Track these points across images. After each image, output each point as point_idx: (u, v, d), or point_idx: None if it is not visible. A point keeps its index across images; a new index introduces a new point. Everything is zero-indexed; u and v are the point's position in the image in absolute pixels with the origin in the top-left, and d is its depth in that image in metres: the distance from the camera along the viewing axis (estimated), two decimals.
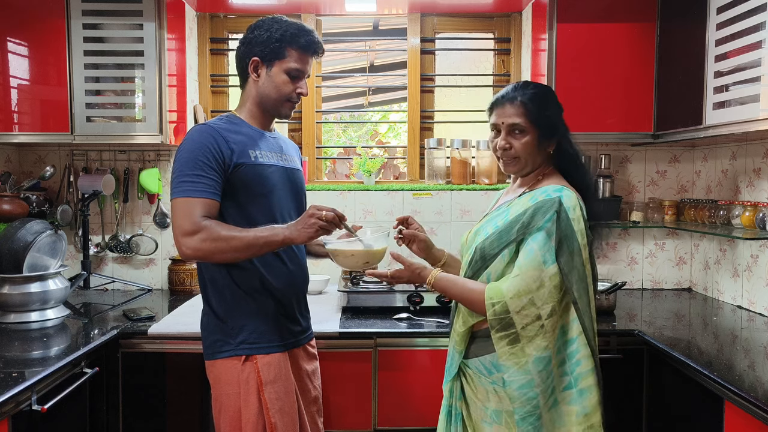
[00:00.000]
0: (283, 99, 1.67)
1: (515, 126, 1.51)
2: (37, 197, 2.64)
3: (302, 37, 1.63)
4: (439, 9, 2.91)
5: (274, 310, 1.66)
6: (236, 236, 1.49)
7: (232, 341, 1.62)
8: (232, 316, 1.62)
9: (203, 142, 1.55)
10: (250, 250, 1.50)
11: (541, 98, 1.52)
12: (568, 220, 1.42)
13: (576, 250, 1.42)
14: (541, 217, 1.43)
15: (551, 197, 1.45)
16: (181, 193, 1.51)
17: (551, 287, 1.40)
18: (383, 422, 2.10)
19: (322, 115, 3.16)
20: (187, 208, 1.49)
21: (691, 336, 2.07)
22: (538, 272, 1.40)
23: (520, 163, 1.54)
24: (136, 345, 2.08)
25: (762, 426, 1.40)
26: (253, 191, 1.61)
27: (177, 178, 1.53)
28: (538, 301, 1.39)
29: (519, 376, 1.41)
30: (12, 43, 2.39)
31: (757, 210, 2.20)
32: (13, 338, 1.99)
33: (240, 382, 1.60)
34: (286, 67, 1.63)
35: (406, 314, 2.23)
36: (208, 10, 2.91)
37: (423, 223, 2.86)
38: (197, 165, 1.52)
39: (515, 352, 1.41)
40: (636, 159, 2.83)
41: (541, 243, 1.41)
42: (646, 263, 2.85)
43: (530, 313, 1.40)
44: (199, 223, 1.48)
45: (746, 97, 1.91)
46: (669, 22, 2.39)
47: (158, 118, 2.41)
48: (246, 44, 1.66)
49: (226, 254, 1.50)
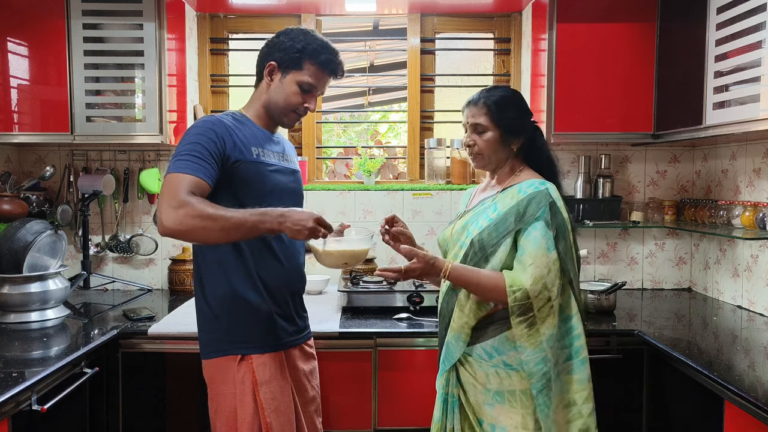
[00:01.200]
0: (289, 109, 1.68)
1: (478, 125, 1.66)
2: (37, 197, 2.64)
3: (323, 54, 1.65)
4: (439, 9, 2.91)
5: (269, 309, 1.65)
6: (223, 215, 1.43)
7: (228, 341, 1.62)
8: (227, 316, 1.62)
9: (208, 131, 1.55)
10: (238, 231, 1.45)
11: (503, 100, 1.66)
12: (559, 210, 1.57)
13: (567, 236, 1.58)
14: (536, 208, 1.55)
15: (539, 189, 1.58)
16: (174, 169, 1.48)
17: (555, 271, 1.53)
18: (383, 422, 2.10)
19: (322, 115, 3.16)
20: (176, 182, 1.46)
21: (691, 336, 2.07)
22: (546, 258, 1.53)
23: (483, 159, 1.69)
24: (136, 345, 2.08)
25: (762, 426, 1.40)
26: (253, 189, 1.61)
27: (174, 157, 1.52)
28: (549, 284, 1.52)
29: (535, 355, 1.53)
30: (12, 43, 2.39)
31: (757, 210, 2.20)
32: (13, 338, 1.99)
33: (236, 382, 1.60)
34: (299, 79, 1.64)
35: (406, 314, 2.23)
36: (208, 10, 2.91)
37: (423, 223, 2.89)
38: (196, 149, 1.51)
39: (532, 333, 1.53)
40: (636, 159, 2.83)
41: (543, 231, 1.54)
42: (646, 263, 2.85)
43: (544, 296, 1.52)
44: (184, 197, 1.43)
45: (746, 97, 1.91)
46: (669, 22, 2.39)
47: (158, 118, 2.41)
48: (269, 47, 1.68)
49: (209, 233, 1.44)
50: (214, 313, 1.63)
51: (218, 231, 1.44)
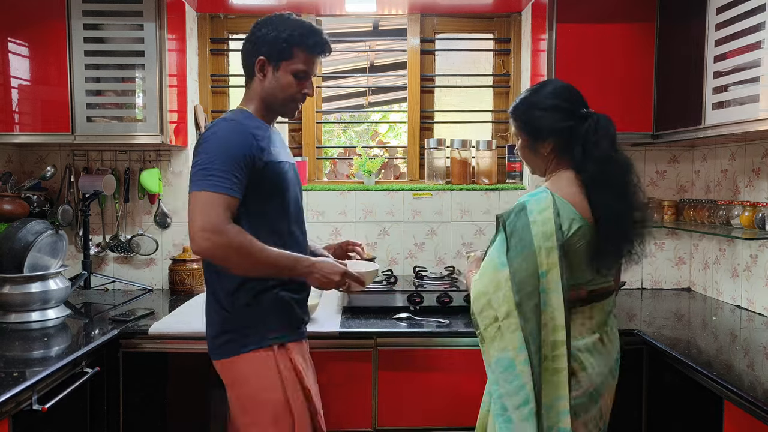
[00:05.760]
0: (288, 100, 1.66)
1: (515, 134, 1.67)
2: (38, 197, 2.65)
3: (310, 38, 1.62)
4: (439, 9, 2.91)
5: (291, 297, 1.63)
6: (257, 253, 1.47)
7: (257, 333, 1.57)
8: (253, 307, 1.57)
9: (237, 141, 1.51)
10: (267, 270, 1.52)
11: (523, 104, 1.62)
12: (526, 224, 1.43)
13: (529, 255, 1.42)
14: (502, 223, 1.50)
15: (519, 202, 1.50)
16: (208, 186, 1.45)
17: (506, 290, 1.42)
18: (383, 422, 2.10)
19: (322, 115, 3.17)
20: (210, 202, 1.44)
21: (691, 336, 2.08)
22: (494, 274, 1.45)
23: (527, 165, 1.69)
24: (137, 345, 2.08)
25: (762, 426, 1.40)
26: (273, 189, 1.60)
27: (204, 170, 1.47)
28: (495, 303, 1.44)
29: (489, 375, 1.49)
30: (12, 44, 2.39)
31: (756, 210, 2.20)
32: (14, 338, 2.00)
33: (281, 372, 1.57)
34: (292, 68, 1.62)
35: (406, 314, 2.23)
36: (208, 11, 2.91)
37: (423, 223, 2.89)
38: (228, 161, 1.47)
39: (484, 351, 1.49)
40: (635, 159, 2.79)
41: (497, 246, 1.48)
42: (646, 263, 2.85)
43: (488, 315, 1.46)
44: (221, 224, 1.43)
45: (745, 97, 1.91)
46: (668, 22, 2.39)
47: (159, 118, 2.41)
48: (253, 42, 1.63)
49: (240, 265, 1.49)
50: (236, 307, 1.57)
51: (250, 265, 1.49)
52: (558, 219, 1.44)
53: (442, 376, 2.09)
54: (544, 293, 1.42)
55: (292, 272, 1.53)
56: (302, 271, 1.55)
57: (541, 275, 1.42)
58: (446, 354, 2.09)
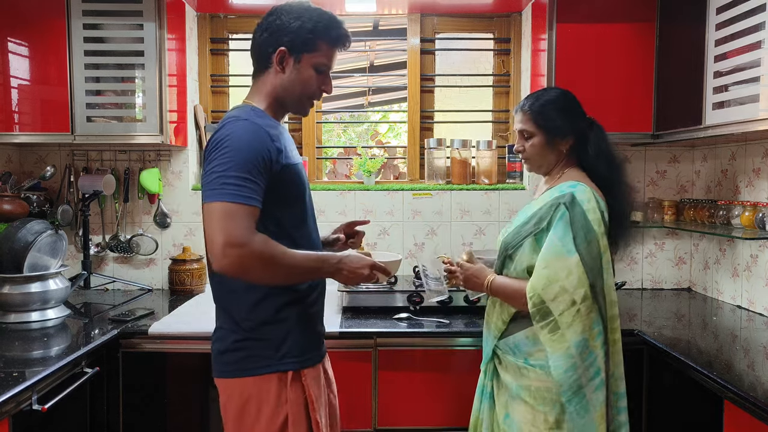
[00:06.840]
0: (306, 96, 1.50)
1: (525, 131, 1.71)
2: (38, 197, 2.65)
3: (334, 30, 1.48)
4: (439, 9, 2.91)
5: (312, 312, 1.50)
6: (282, 259, 1.32)
7: (273, 354, 1.42)
8: (271, 325, 1.42)
9: (254, 143, 1.34)
10: (295, 277, 1.39)
11: (547, 104, 1.68)
12: (583, 212, 1.55)
13: (594, 240, 1.54)
14: (556, 211, 1.57)
15: (564, 193, 1.59)
16: (226, 197, 1.28)
17: (579, 273, 1.51)
18: (383, 422, 2.10)
19: (322, 115, 3.16)
20: (232, 214, 1.27)
21: (691, 336, 2.07)
22: (562, 261, 1.52)
23: (532, 163, 1.74)
24: (137, 345, 2.08)
25: (762, 426, 1.40)
26: (291, 193, 1.46)
27: (221, 177, 1.30)
28: (570, 287, 1.51)
29: (563, 361, 1.52)
30: (12, 43, 2.39)
31: (756, 210, 2.20)
32: (14, 338, 1.99)
33: (288, 402, 1.41)
34: (315, 61, 1.46)
35: (406, 314, 2.23)
36: (208, 11, 2.91)
37: (423, 223, 2.89)
38: (247, 167, 1.31)
39: (556, 338, 1.53)
40: (635, 159, 2.83)
41: (561, 234, 1.54)
42: (646, 263, 2.85)
43: (564, 300, 1.51)
44: (248, 236, 1.27)
45: (746, 97, 1.91)
46: (668, 22, 2.39)
47: (158, 118, 2.41)
48: (271, 31, 1.45)
49: (267, 276, 1.33)
50: (251, 324, 1.42)
51: (278, 275, 1.35)
52: (599, 207, 1.59)
53: (442, 376, 2.10)
54: (603, 273, 1.56)
55: (318, 273, 1.41)
56: (329, 269, 1.41)
57: (601, 257, 1.55)
58: (446, 354, 2.10)
